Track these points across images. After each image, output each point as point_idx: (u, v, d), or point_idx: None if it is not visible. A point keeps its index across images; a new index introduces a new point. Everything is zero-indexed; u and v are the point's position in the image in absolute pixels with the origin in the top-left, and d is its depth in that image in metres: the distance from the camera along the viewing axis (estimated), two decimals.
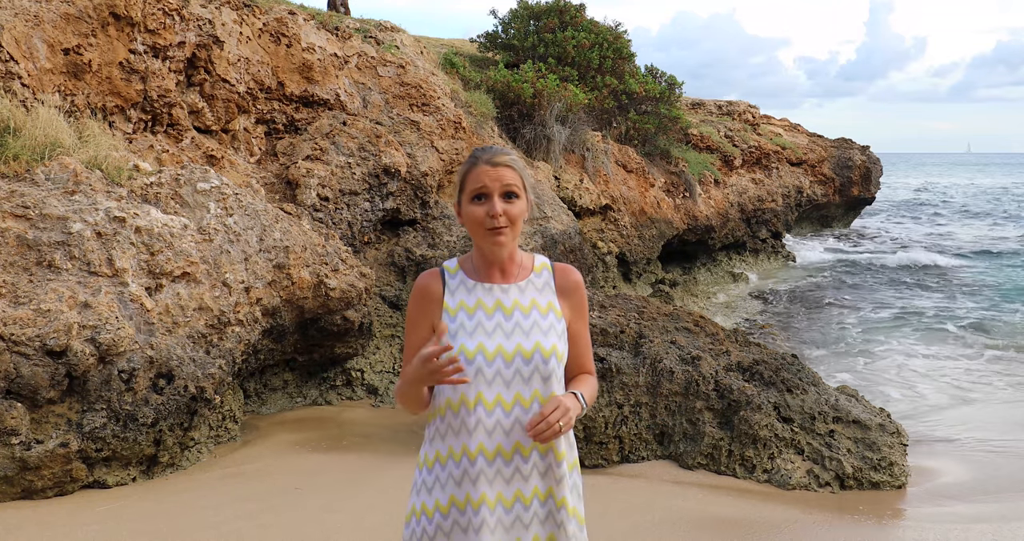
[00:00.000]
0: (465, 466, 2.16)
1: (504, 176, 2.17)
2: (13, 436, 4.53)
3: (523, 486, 2.17)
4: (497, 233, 2.16)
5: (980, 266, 18.47)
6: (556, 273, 2.31)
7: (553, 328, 2.22)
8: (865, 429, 5.59)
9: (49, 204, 5.06)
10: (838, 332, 11.53)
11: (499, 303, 2.22)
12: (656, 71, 16.25)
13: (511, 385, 2.16)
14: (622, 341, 5.96)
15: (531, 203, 2.26)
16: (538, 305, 2.24)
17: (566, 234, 10.41)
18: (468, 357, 2.15)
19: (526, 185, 2.22)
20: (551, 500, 2.19)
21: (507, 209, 2.16)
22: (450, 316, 2.22)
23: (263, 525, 4.42)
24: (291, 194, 8.14)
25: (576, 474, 2.28)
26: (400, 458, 5.54)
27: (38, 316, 4.71)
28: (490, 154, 2.20)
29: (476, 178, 2.17)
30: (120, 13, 6.62)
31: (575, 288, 2.31)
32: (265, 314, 6.18)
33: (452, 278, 2.26)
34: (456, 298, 2.23)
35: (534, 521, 2.18)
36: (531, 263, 2.31)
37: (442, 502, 2.17)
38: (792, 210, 20.50)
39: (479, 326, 2.19)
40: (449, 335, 2.20)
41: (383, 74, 9.86)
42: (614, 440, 5.58)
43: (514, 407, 2.16)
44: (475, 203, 2.18)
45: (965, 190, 54.37)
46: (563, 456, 2.21)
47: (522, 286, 2.26)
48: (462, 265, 2.29)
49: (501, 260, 2.24)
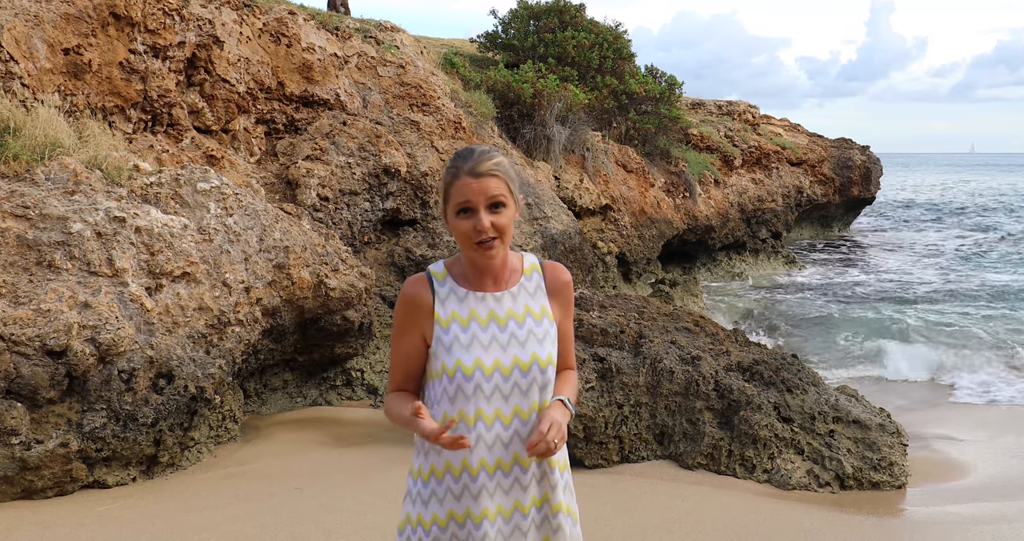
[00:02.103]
0: (466, 481, 2.14)
1: (488, 187, 2.07)
2: (13, 436, 4.53)
3: (522, 496, 2.17)
4: (487, 247, 2.09)
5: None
6: (546, 274, 2.26)
7: (548, 335, 2.19)
8: (865, 429, 5.59)
9: (49, 204, 5.06)
10: (838, 332, 11.53)
11: (492, 313, 2.16)
12: (656, 71, 16.25)
13: (509, 399, 2.14)
14: (622, 341, 5.96)
15: (520, 204, 2.18)
16: (532, 311, 2.20)
17: (566, 234, 10.41)
18: (466, 373, 2.11)
19: (512, 188, 2.13)
20: (547, 505, 2.20)
21: (495, 221, 2.07)
22: (442, 328, 2.15)
23: (263, 525, 4.42)
24: (291, 194, 8.14)
25: (568, 473, 2.28)
26: (400, 458, 5.54)
27: (38, 316, 4.71)
28: (472, 164, 2.08)
29: (460, 191, 2.08)
30: (120, 13, 6.62)
31: (564, 287, 2.27)
32: (265, 314, 6.18)
33: (441, 286, 2.18)
34: (448, 308, 2.16)
35: (532, 528, 2.19)
36: (520, 265, 2.25)
37: (440, 516, 2.15)
38: (792, 210, 20.51)
39: (475, 339, 2.14)
40: (443, 349, 2.14)
41: (383, 74, 9.87)
42: (614, 440, 5.58)
43: (513, 420, 2.14)
44: (461, 217, 2.09)
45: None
46: (555, 461, 2.21)
47: (514, 292, 2.20)
48: (450, 270, 2.21)
49: (493, 268, 2.17)
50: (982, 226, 28.35)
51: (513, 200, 2.13)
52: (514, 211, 2.13)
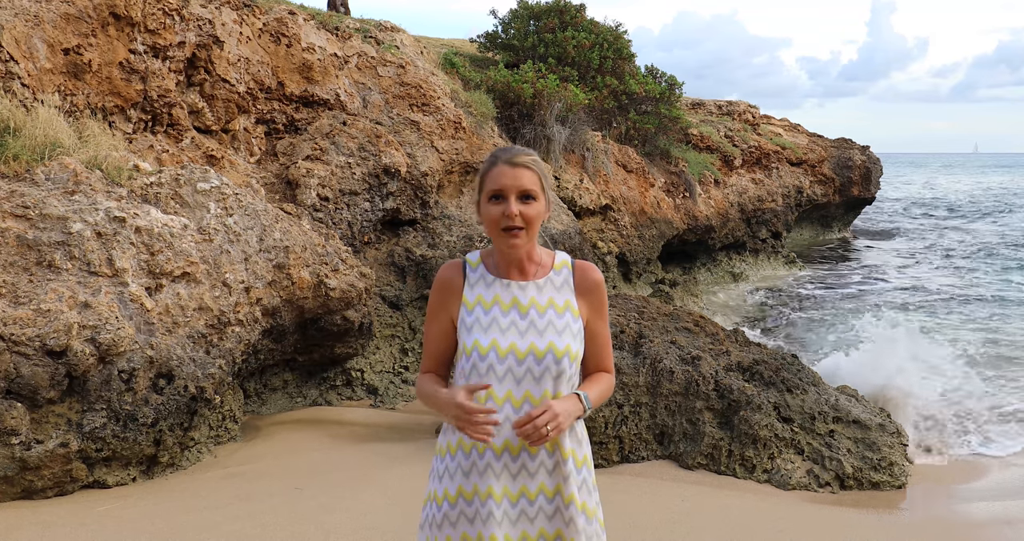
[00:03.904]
0: (474, 458, 2.20)
1: (522, 177, 2.18)
2: (13, 436, 4.53)
3: (528, 482, 2.21)
4: (512, 235, 2.18)
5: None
6: (576, 272, 2.32)
7: (568, 328, 2.24)
8: (865, 429, 5.59)
9: (49, 204, 5.06)
10: (838, 332, 11.53)
11: (516, 300, 2.24)
12: (656, 71, 16.24)
13: (522, 383, 2.19)
14: (622, 341, 5.96)
15: (550, 204, 2.27)
16: (555, 304, 2.25)
17: (566, 234, 10.42)
18: (481, 353, 2.18)
19: (545, 187, 2.23)
20: (559, 497, 2.22)
21: (523, 210, 2.17)
22: (467, 310, 2.24)
23: (263, 525, 4.42)
24: (291, 194, 8.14)
25: (587, 470, 2.30)
26: (400, 458, 5.54)
27: (38, 316, 4.71)
28: (510, 154, 2.20)
29: (494, 178, 2.19)
30: (120, 13, 6.62)
31: (594, 287, 2.32)
32: (265, 314, 6.18)
33: (473, 272, 2.29)
34: (475, 292, 2.26)
35: (540, 516, 2.21)
36: (551, 261, 2.32)
37: (451, 492, 2.22)
38: (792, 210, 20.50)
39: (494, 322, 2.21)
40: (464, 329, 2.23)
41: (383, 74, 9.87)
42: (614, 440, 5.58)
43: (523, 404, 2.18)
44: (492, 203, 2.19)
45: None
46: (569, 453, 2.23)
47: (540, 284, 2.27)
48: (484, 259, 2.31)
49: (519, 259, 2.25)
50: (988, 227, 28.27)
51: (544, 197, 2.23)
52: (544, 207, 2.23)
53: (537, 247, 2.30)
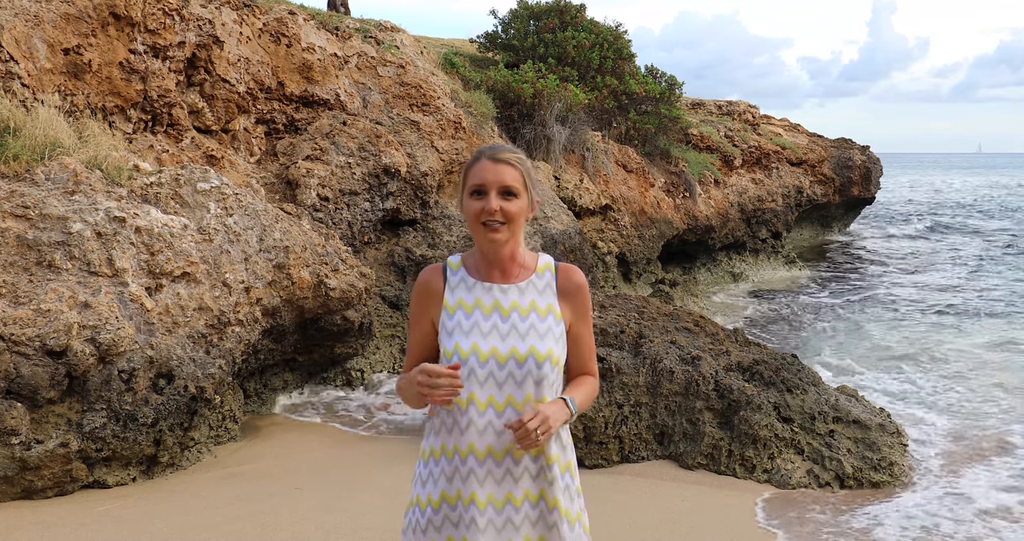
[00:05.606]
0: (457, 464, 2.17)
1: (503, 173, 2.15)
2: (13, 436, 4.53)
3: (513, 488, 2.17)
4: (492, 229, 2.14)
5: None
6: (559, 274, 2.28)
7: (551, 331, 2.20)
8: (865, 429, 5.59)
9: (49, 204, 5.06)
10: (838, 331, 11.53)
11: (497, 304, 2.20)
12: (656, 71, 16.24)
13: (503, 387, 2.15)
14: (622, 341, 5.96)
15: (535, 203, 2.23)
16: (537, 307, 2.22)
17: (566, 234, 10.42)
18: (462, 357, 2.15)
19: (529, 184, 2.19)
20: (543, 502, 2.19)
21: (504, 206, 2.14)
22: (448, 314, 2.21)
23: (263, 525, 4.42)
24: (291, 194, 8.14)
25: (570, 476, 2.26)
26: (399, 458, 5.54)
27: (38, 316, 4.71)
28: (493, 151, 2.18)
29: (476, 173, 2.17)
30: (120, 13, 6.62)
31: (576, 289, 2.27)
32: (265, 314, 6.18)
33: (454, 275, 2.26)
34: (456, 295, 2.23)
35: (525, 523, 2.18)
36: (534, 263, 2.28)
37: (434, 497, 2.19)
38: (792, 210, 20.49)
39: (475, 326, 2.18)
40: (445, 333, 2.20)
41: (383, 74, 9.87)
42: (614, 440, 5.58)
43: (506, 409, 2.15)
44: (473, 198, 2.17)
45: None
46: (554, 459, 2.19)
47: (522, 287, 2.23)
48: (464, 262, 2.28)
49: (501, 259, 2.21)
50: (991, 229, 28.23)
51: (527, 195, 2.19)
52: (526, 204, 2.19)
53: (522, 249, 2.26)
